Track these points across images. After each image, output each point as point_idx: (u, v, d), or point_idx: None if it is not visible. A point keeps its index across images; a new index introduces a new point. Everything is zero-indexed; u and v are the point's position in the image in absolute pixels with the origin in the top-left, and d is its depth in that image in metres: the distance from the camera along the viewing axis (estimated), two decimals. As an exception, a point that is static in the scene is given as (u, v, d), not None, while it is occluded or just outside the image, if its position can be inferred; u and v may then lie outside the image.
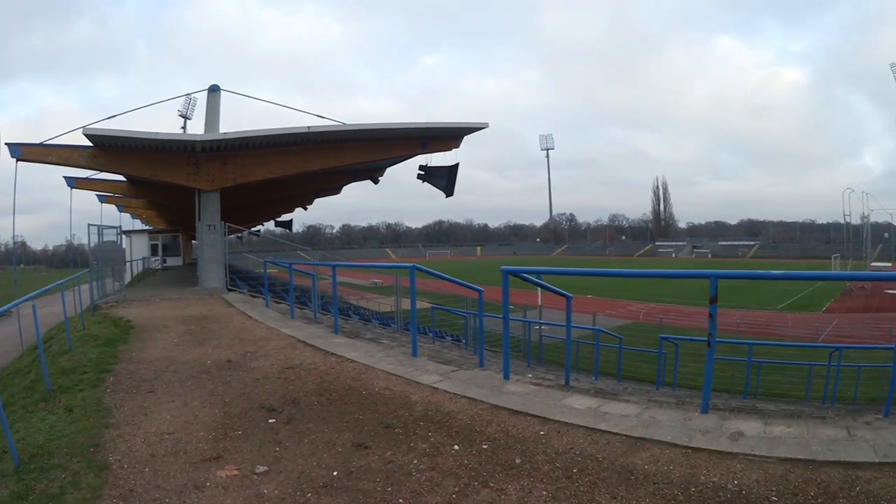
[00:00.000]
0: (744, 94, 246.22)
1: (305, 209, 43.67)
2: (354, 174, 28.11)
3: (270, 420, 5.83)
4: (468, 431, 5.22)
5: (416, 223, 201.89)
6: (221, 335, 10.72)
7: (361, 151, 20.74)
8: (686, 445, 4.51)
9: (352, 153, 20.63)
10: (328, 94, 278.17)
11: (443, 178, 21.43)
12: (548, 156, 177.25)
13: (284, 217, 48.22)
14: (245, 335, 10.65)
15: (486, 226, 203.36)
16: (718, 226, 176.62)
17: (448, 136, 20.70)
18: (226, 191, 19.45)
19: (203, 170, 18.63)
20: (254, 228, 48.28)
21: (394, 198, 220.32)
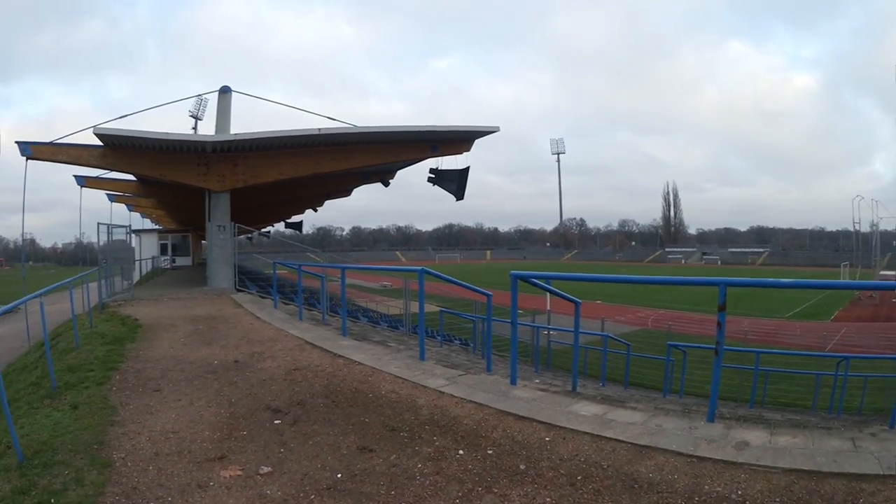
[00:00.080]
0: (754, 100, 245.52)
1: (316, 211, 43.78)
2: (365, 176, 28.12)
3: (276, 421, 5.82)
4: (473, 436, 5.19)
5: (427, 226, 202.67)
6: (229, 335, 10.72)
7: (372, 154, 20.76)
8: (691, 454, 4.47)
9: (362, 156, 20.66)
10: (339, 97, 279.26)
11: (453, 182, 21.42)
12: (558, 160, 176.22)
13: (295, 218, 48.26)
14: (253, 336, 10.66)
15: (496, 230, 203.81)
16: (728, 232, 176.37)
17: (459, 140, 20.69)
18: (236, 191, 19.47)
19: (213, 170, 18.68)
20: (264, 229, 48.38)
21: (404, 200, 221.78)
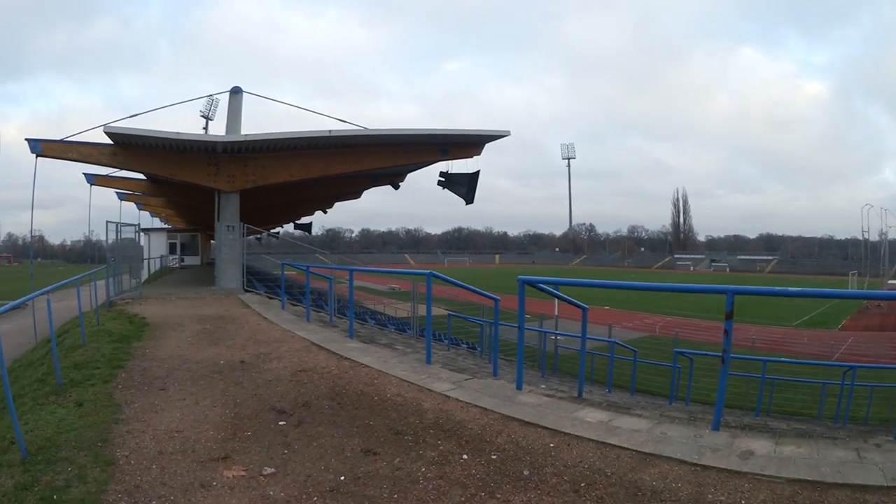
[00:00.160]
0: (766, 107, 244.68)
1: (325, 212, 43.91)
2: (375, 179, 28.19)
3: (280, 422, 5.81)
4: (478, 441, 5.17)
5: (436, 229, 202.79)
6: (236, 336, 10.74)
7: (382, 157, 20.78)
8: (695, 463, 4.45)
9: (373, 158, 20.68)
10: (350, 98, 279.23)
11: (463, 186, 21.39)
12: (569, 165, 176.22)
13: (304, 220, 48.34)
14: (260, 336, 10.67)
15: (506, 234, 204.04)
16: (737, 239, 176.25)
17: (469, 144, 20.67)
18: (246, 192, 19.52)
19: (224, 171, 18.73)
20: (273, 230, 48.47)
21: (414, 203, 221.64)
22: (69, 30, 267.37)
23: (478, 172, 21.10)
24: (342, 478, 4.47)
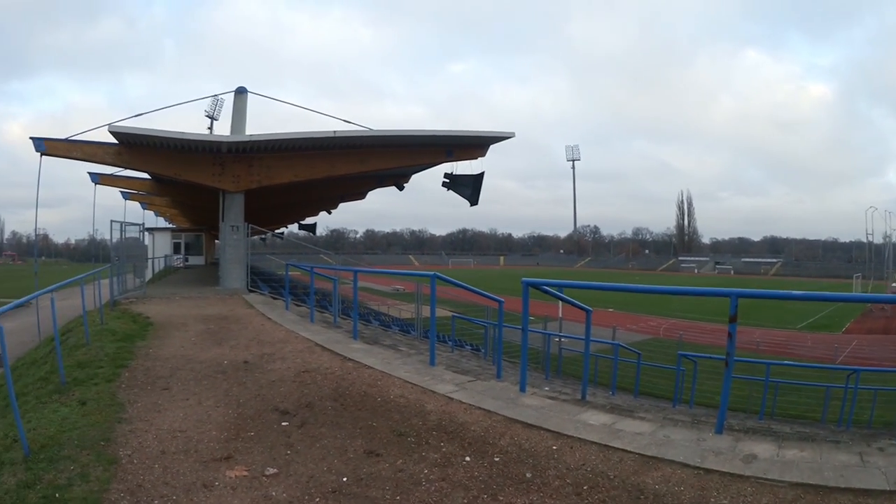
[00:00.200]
0: (770, 109, 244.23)
1: (330, 213, 43.91)
2: (380, 180, 28.14)
3: (283, 423, 5.81)
4: (481, 443, 5.17)
5: (440, 230, 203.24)
6: (240, 336, 10.74)
7: (387, 158, 20.76)
8: (698, 466, 4.44)
9: (377, 159, 20.65)
10: (355, 99, 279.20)
11: (468, 187, 21.35)
12: (573, 167, 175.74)
13: (308, 220, 48.36)
14: (263, 337, 10.66)
15: (510, 235, 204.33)
16: (742, 242, 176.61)
17: (474, 145, 20.65)
18: (250, 192, 19.52)
19: (228, 171, 18.74)
20: (277, 231, 48.53)
21: (418, 204, 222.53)
22: (74, 29, 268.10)
23: (482, 174, 21.07)
24: (344, 479, 4.46)
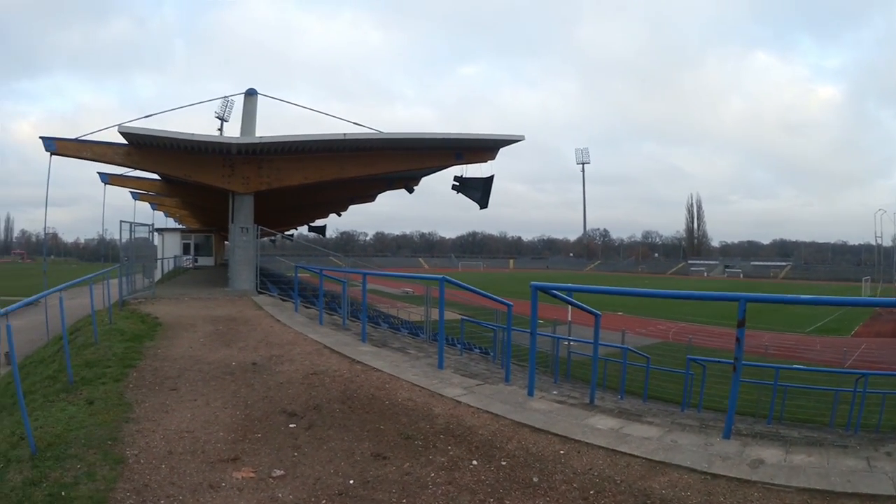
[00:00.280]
0: (779, 111, 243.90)
1: (339, 215, 43.93)
2: (389, 182, 28.14)
3: (291, 425, 5.80)
4: (488, 447, 5.14)
5: (450, 233, 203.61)
6: (248, 337, 10.75)
7: (396, 160, 20.76)
8: (705, 471, 4.42)
9: (387, 162, 20.65)
10: (365, 101, 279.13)
11: (477, 190, 21.32)
12: (583, 170, 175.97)
13: (318, 222, 48.50)
14: (272, 338, 10.67)
15: (520, 239, 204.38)
16: (751, 245, 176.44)
17: (484, 148, 20.62)
18: (260, 194, 19.55)
19: (238, 172, 18.76)
20: (287, 232, 48.60)
21: (428, 207, 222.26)
22: (84, 29, 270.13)
23: (492, 177, 21.04)
24: (351, 481, 4.45)
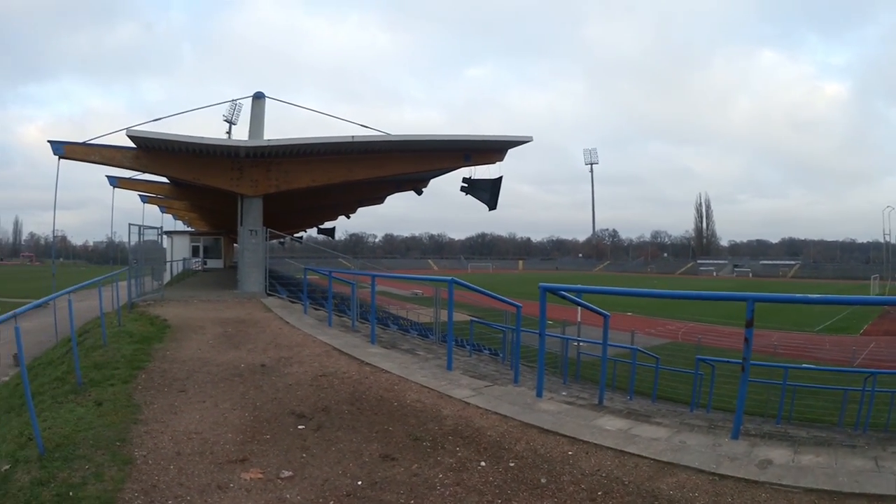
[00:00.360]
0: (787, 109, 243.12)
1: (348, 217, 43.92)
2: (398, 184, 28.12)
3: (300, 426, 5.80)
4: (496, 448, 5.13)
5: (459, 235, 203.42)
6: (257, 339, 10.76)
7: (405, 162, 20.76)
8: (713, 472, 4.40)
9: (395, 164, 20.65)
10: (373, 104, 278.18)
11: (486, 191, 21.31)
12: (592, 170, 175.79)
13: (327, 224, 48.51)
14: (281, 340, 10.68)
15: (529, 240, 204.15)
16: (760, 244, 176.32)
17: (492, 150, 20.60)
18: (269, 197, 19.59)
19: (247, 175, 18.80)
20: (296, 234, 48.67)
21: (437, 209, 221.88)
22: (92, 33, 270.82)
23: (501, 178, 21.04)
24: (359, 482, 4.44)
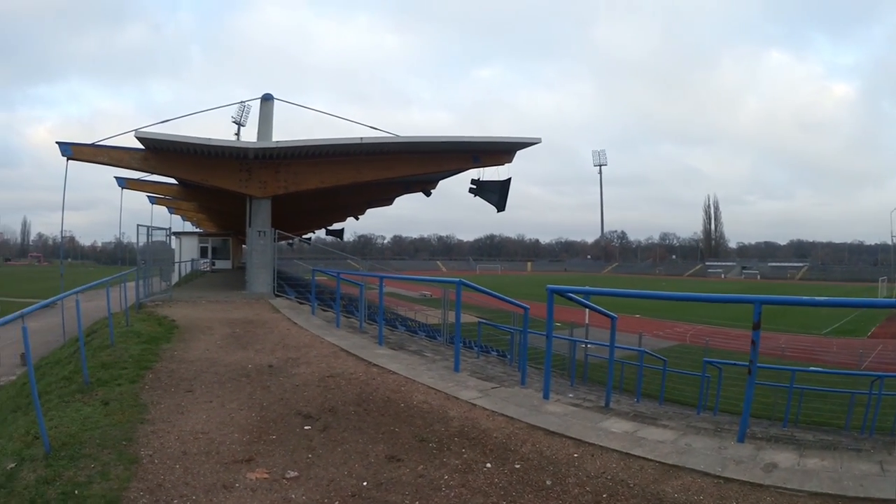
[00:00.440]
0: (795, 110, 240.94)
1: (357, 219, 44.02)
2: (406, 186, 28.15)
3: (306, 427, 5.80)
4: (502, 450, 5.11)
5: (468, 236, 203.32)
6: (265, 340, 10.78)
7: (413, 164, 20.78)
8: (718, 475, 4.38)
9: (404, 165, 20.68)
10: (381, 105, 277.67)
11: (495, 193, 21.30)
12: (600, 172, 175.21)
13: (336, 226, 48.65)
14: (289, 341, 10.69)
15: (538, 241, 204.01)
16: (768, 246, 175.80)
17: (500, 151, 20.59)
18: (277, 198, 19.63)
19: (255, 177, 18.84)
20: (304, 236, 48.75)
21: (446, 210, 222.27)
22: (100, 34, 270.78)
23: (509, 180, 21.02)
24: (365, 483, 4.43)
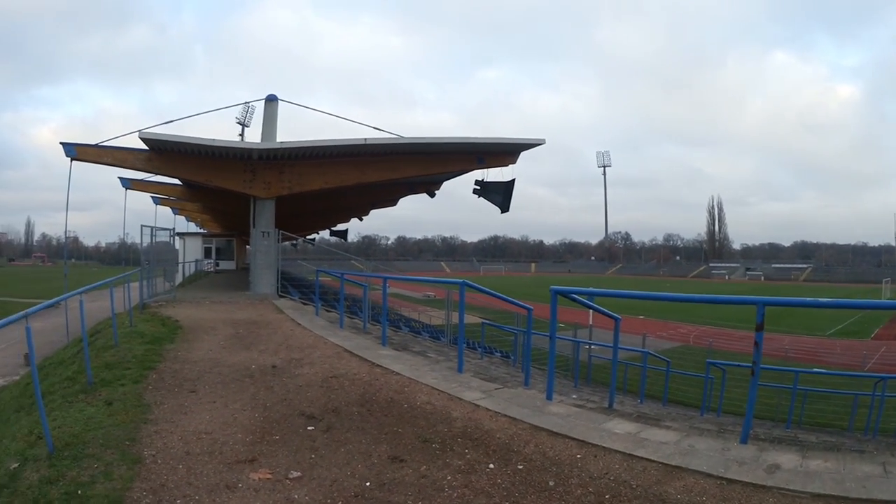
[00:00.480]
0: (799, 111, 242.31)
1: (361, 220, 43.93)
2: (411, 187, 28.08)
3: (309, 427, 5.80)
4: (505, 451, 5.12)
5: (472, 237, 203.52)
6: (269, 340, 10.78)
7: (417, 165, 20.74)
8: (721, 476, 4.39)
9: (408, 166, 20.63)
10: (385, 106, 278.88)
11: (499, 194, 21.24)
12: (604, 173, 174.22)
13: (340, 226, 48.58)
14: (292, 342, 10.70)
15: (542, 242, 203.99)
16: (772, 247, 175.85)
17: (504, 152, 20.54)
18: (281, 199, 19.60)
19: (259, 177, 18.83)
20: (308, 237, 48.76)
21: (450, 211, 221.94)
22: (104, 35, 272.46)
23: (513, 181, 20.97)
24: (368, 484, 4.44)
